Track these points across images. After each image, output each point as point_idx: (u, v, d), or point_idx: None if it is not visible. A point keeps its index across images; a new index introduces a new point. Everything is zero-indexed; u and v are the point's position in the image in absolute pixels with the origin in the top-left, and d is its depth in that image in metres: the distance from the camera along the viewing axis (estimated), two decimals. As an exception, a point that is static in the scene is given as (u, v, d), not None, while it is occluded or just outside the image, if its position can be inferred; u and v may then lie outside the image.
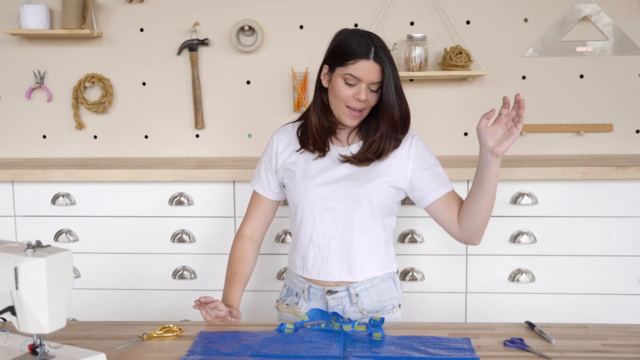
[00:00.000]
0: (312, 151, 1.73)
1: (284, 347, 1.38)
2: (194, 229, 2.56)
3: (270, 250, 2.51)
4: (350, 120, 1.66)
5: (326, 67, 1.69)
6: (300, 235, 1.74)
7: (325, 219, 1.69)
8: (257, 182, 1.83)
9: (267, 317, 2.36)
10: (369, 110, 1.67)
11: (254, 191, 1.84)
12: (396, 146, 1.70)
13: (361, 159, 1.68)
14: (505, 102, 1.49)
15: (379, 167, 1.69)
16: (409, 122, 1.69)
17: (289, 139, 1.78)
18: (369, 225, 1.70)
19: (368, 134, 1.70)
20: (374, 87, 1.63)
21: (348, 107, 1.64)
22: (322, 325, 1.51)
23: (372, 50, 1.61)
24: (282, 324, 1.50)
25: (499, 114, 1.51)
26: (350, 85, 1.62)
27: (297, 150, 1.75)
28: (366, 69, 1.60)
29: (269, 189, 1.81)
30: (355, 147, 1.72)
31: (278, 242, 2.51)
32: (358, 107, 1.64)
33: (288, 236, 2.51)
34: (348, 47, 1.62)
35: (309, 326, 1.52)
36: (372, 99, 1.64)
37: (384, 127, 1.66)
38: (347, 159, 1.69)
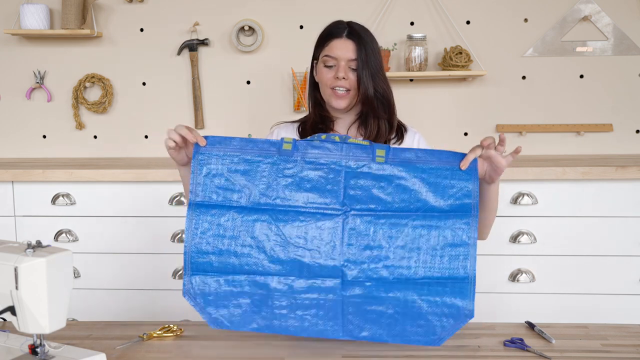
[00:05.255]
0: None
1: (284, 193, 1.35)
2: (194, 229, 2.55)
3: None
4: (336, 101, 1.66)
5: (315, 62, 1.73)
6: None
7: None
8: None
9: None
10: (357, 93, 1.66)
11: None
12: (391, 132, 1.70)
13: None
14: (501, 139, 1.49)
15: None
16: (388, 103, 1.68)
17: (287, 134, 1.77)
18: None
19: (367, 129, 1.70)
20: (354, 65, 1.64)
21: (333, 89, 1.66)
22: (323, 137, 1.39)
23: (346, 29, 1.66)
24: (281, 139, 1.39)
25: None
26: (330, 67, 1.66)
27: None
28: (340, 47, 1.64)
29: None
30: None
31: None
32: (340, 86, 1.64)
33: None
34: (325, 32, 1.70)
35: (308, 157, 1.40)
36: (355, 78, 1.64)
37: (366, 106, 1.65)
38: None
